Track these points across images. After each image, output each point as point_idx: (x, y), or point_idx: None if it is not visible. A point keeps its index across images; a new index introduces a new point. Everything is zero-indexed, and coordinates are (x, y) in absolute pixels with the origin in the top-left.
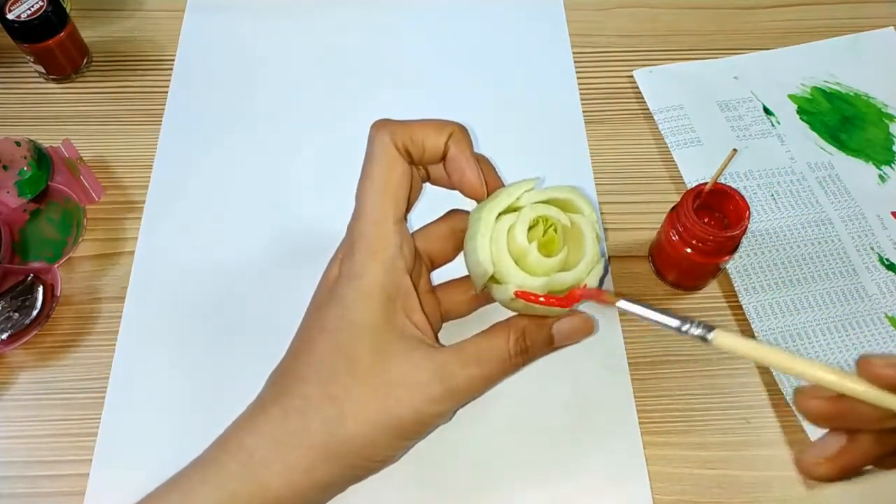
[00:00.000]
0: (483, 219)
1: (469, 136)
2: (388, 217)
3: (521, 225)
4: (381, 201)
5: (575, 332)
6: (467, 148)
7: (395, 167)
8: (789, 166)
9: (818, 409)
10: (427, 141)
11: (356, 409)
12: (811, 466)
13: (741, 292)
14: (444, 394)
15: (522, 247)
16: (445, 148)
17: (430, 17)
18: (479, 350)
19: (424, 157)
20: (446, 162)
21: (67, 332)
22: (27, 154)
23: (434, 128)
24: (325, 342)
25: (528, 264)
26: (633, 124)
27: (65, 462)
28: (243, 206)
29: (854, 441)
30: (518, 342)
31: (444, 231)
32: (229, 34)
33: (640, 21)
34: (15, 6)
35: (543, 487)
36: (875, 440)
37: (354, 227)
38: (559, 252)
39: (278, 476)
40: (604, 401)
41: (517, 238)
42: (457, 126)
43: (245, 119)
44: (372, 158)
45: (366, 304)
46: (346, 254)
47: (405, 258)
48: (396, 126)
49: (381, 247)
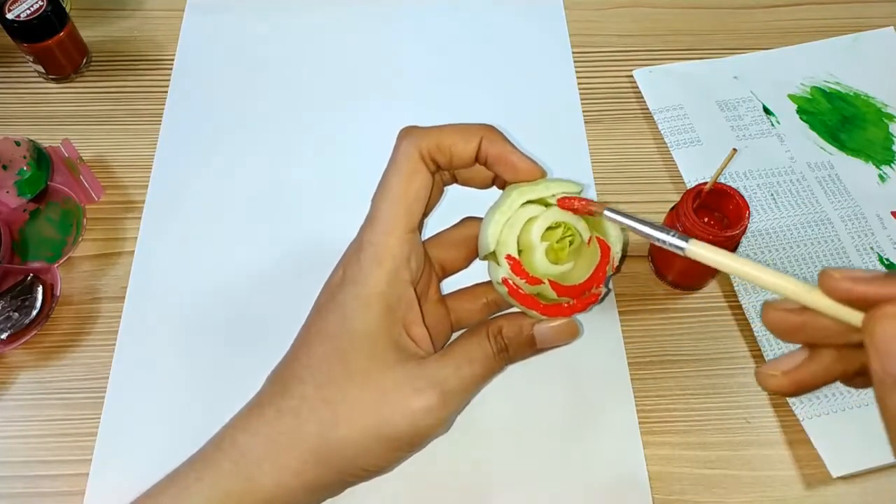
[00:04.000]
0: (511, 198)
1: (502, 133)
2: (399, 227)
3: (542, 221)
4: (395, 211)
5: (557, 335)
6: (507, 144)
7: (414, 177)
8: (789, 166)
9: (782, 320)
10: (455, 148)
11: (350, 415)
12: (766, 378)
13: (741, 292)
14: (440, 400)
15: (533, 242)
16: (479, 152)
17: (431, 17)
18: (465, 351)
19: (453, 164)
20: (491, 165)
21: (67, 332)
22: (27, 154)
23: (462, 134)
24: (324, 346)
25: (531, 260)
26: (632, 124)
27: (64, 462)
28: (242, 205)
29: (814, 357)
30: (497, 340)
31: (457, 238)
32: (229, 34)
33: (639, 21)
34: (14, 6)
35: (543, 487)
36: (837, 357)
37: (364, 233)
38: (564, 263)
39: (269, 475)
40: (604, 401)
41: (532, 232)
42: (486, 129)
43: (244, 119)
44: (393, 166)
45: (365, 312)
46: (352, 259)
47: (411, 270)
48: (423, 133)
49: (387, 256)
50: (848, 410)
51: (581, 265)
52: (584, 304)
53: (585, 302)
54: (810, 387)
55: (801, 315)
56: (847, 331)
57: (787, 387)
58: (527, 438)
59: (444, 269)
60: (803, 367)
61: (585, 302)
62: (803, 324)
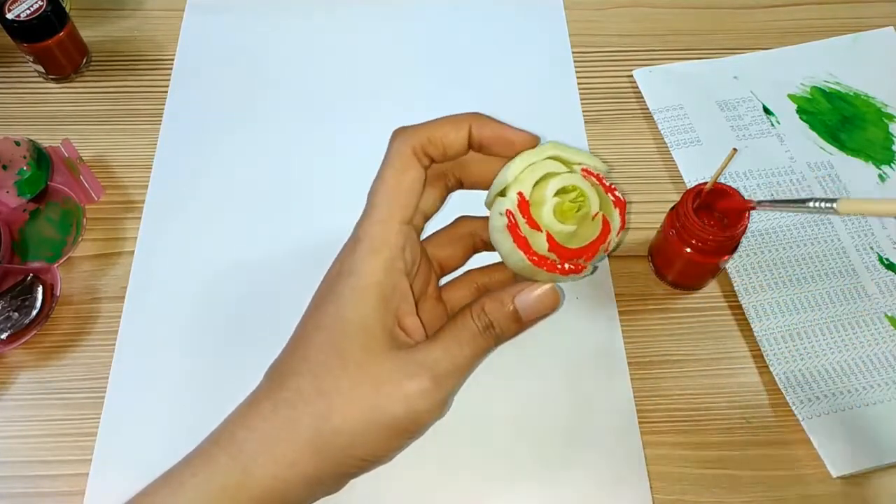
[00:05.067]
0: (541, 148)
1: (489, 116)
2: (393, 218)
3: (561, 180)
4: (389, 203)
5: (538, 303)
6: (496, 123)
7: (407, 171)
8: (789, 166)
9: None
10: (446, 139)
11: (344, 405)
12: None
13: (741, 292)
14: (433, 383)
15: (545, 195)
16: (471, 139)
17: (431, 17)
18: (452, 332)
19: (447, 154)
20: (487, 147)
21: (67, 332)
22: (27, 154)
23: (451, 124)
24: (320, 337)
25: (538, 211)
26: (632, 124)
27: (64, 462)
28: (242, 205)
29: None
30: (480, 317)
31: (454, 236)
32: (229, 34)
33: (639, 21)
34: (14, 6)
35: (543, 487)
36: None
37: (360, 226)
38: (566, 224)
39: (265, 468)
40: (604, 401)
41: (548, 185)
42: (474, 115)
43: (244, 118)
44: (386, 161)
45: (360, 302)
46: (348, 251)
47: (406, 261)
48: (413, 131)
49: (382, 246)
50: (848, 410)
51: (580, 234)
52: (570, 270)
53: (571, 268)
54: None
55: None
56: None
57: None
58: (526, 438)
59: (443, 267)
60: None
61: (571, 268)
62: None
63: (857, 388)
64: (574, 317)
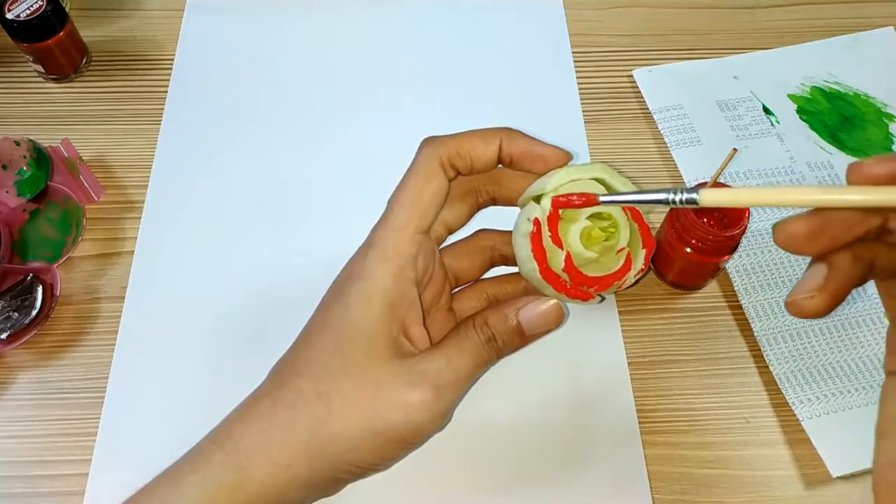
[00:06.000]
0: (590, 165)
1: (521, 132)
2: (410, 226)
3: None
4: (408, 210)
5: (542, 319)
6: (528, 138)
7: (431, 181)
8: (789, 166)
9: (799, 229)
10: (474, 152)
11: (343, 409)
12: (804, 303)
13: (741, 292)
14: (434, 394)
15: (578, 216)
16: (501, 154)
17: (430, 17)
18: (454, 343)
19: (474, 167)
20: (517, 162)
21: (67, 332)
22: (26, 154)
23: (481, 138)
24: (325, 339)
25: (566, 229)
26: (632, 124)
27: (64, 462)
28: (242, 204)
29: (833, 265)
30: (483, 329)
31: (472, 248)
32: (229, 34)
33: (639, 21)
34: (14, 6)
35: (543, 487)
36: (852, 257)
37: (375, 231)
38: (589, 250)
39: (260, 467)
40: (604, 401)
41: (583, 210)
42: (505, 130)
43: (244, 118)
44: (411, 169)
45: (366, 307)
46: (360, 255)
47: (417, 269)
48: (442, 141)
49: (394, 253)
50: (848, 410)
51: (600, 263)
52: (577, 294)
53: (579, 293)
54: (843, 296)
55: (817, 218)
56: (864, 218)
57: (828, 302)
58: (527, 438)
59: (458, 278)
60: (832, 277)
61: (579, 293)
62: (821, 225)
63: (857, 388)
64: (574, 317)
